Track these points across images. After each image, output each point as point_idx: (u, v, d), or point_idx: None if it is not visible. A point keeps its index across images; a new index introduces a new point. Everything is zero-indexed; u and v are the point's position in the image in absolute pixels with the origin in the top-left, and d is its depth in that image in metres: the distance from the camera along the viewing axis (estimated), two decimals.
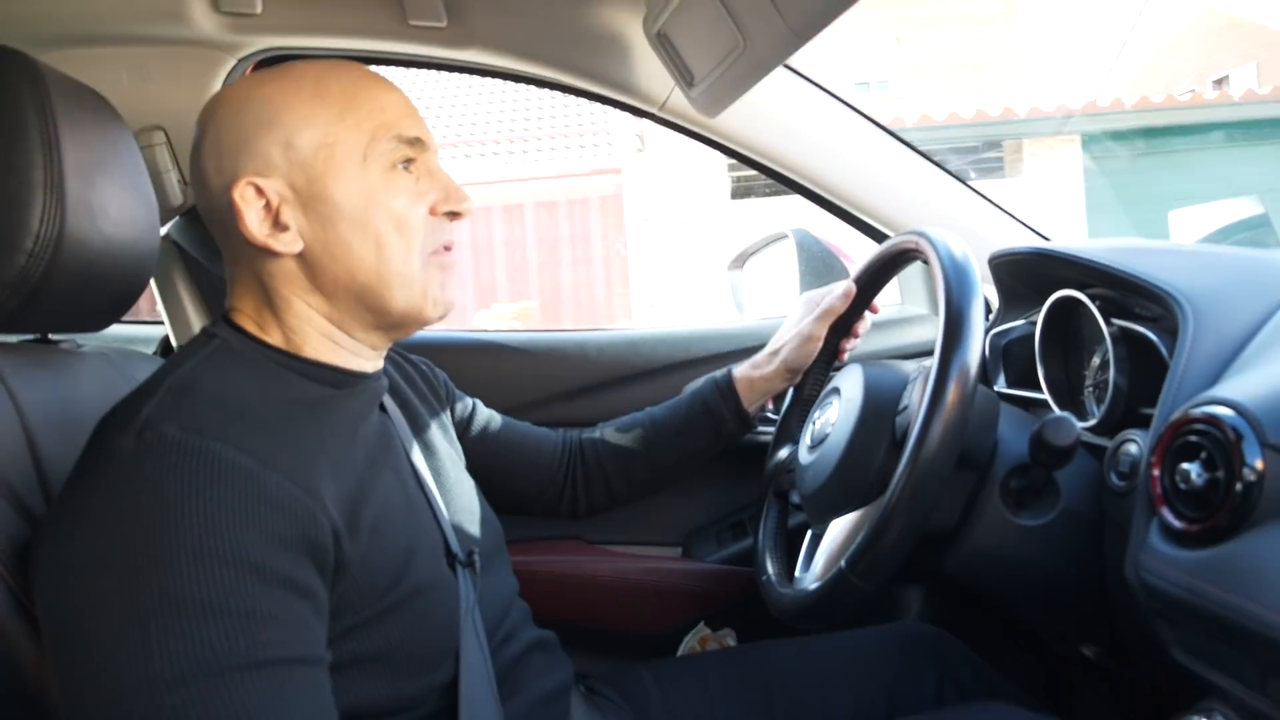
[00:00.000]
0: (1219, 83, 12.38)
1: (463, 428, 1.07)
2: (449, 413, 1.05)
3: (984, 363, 0.86)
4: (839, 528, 0.89)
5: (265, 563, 0.60)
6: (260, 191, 0.73)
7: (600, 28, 1.20)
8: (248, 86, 0.77)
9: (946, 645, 1.04)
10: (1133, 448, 0.81)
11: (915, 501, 0.76)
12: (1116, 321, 0.91)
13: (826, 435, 0.95)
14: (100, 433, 0.66)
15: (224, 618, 0.57)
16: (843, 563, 0.80)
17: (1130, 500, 0.78)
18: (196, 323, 1.35)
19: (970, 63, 13.25)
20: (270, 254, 0.75)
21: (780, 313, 1.64)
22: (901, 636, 1.06)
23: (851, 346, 1.18)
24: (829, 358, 1.16)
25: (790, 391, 1.17)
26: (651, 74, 1.22)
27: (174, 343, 1.38)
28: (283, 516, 0.62)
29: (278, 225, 0.74)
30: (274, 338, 0.77)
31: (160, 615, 0.56)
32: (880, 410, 0.90)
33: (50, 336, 0.87)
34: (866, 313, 1.16)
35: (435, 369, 1.08)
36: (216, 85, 1.25)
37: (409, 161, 0.77)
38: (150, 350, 1.42)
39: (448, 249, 0.81)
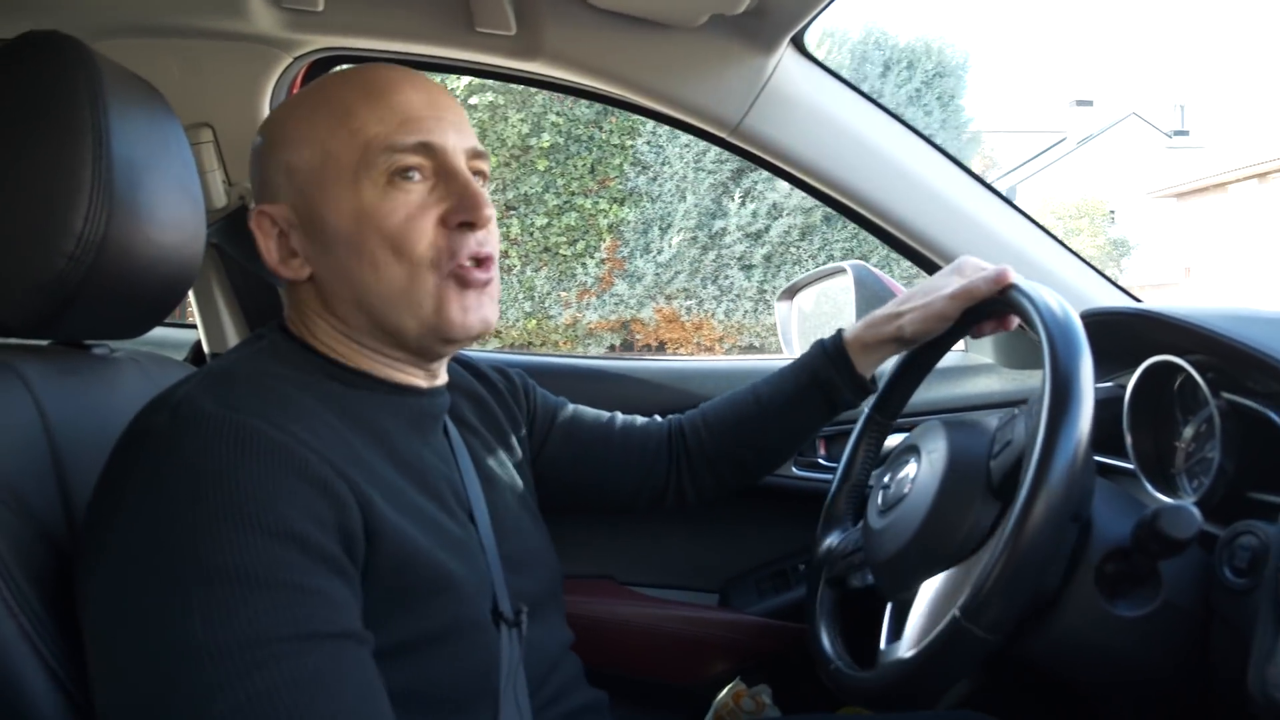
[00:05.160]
0: None
1: (544, 434, 1.00)
2: (527, 429, 0.98)
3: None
4: (932, 588, 0.82)
5: (308, 538, 0.57)
6: (272, 219, 0.72)
7: (675, 47, 1.15)
8: (281, 106, 0.76)
9: None
10: (1253, 541, 0.74)
11: (1027, 560, 0.68)
12: (1225, 395, 0.84)
13: (904, 495, 0.87)
14: (134, 422, 0.63)
15: (270, 589, 0.54)
16: (956, 612, 0.71)
17: (1249, 601, 0.71)
18: (231, 330, 1.31)
19: None
20: (289, 279, 0.73)
21: None
22: None
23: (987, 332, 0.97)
24: (952, 339, 0.99)
25: (839, 471, 1.06)
26: (724, 97, 1.16)
27: (206, 349, 1.33)
28: (322, 497, 0.59)
29: (289, 251, 0.72)
30: (321, 349, 0.74)
31: (203, 584, 0.53)
32: (970, 459, 0.83)
33: (83, 341, 0.81)
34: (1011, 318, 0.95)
35: (521, 379, 1.01)
36: (270, 83, 1.20)
37: (411, 170, 0.70)
38: (181, 356, 1.38)
39: (476, 263, 0.73)
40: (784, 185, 10.13)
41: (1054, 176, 26.10)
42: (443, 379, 0.81)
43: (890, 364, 1.04)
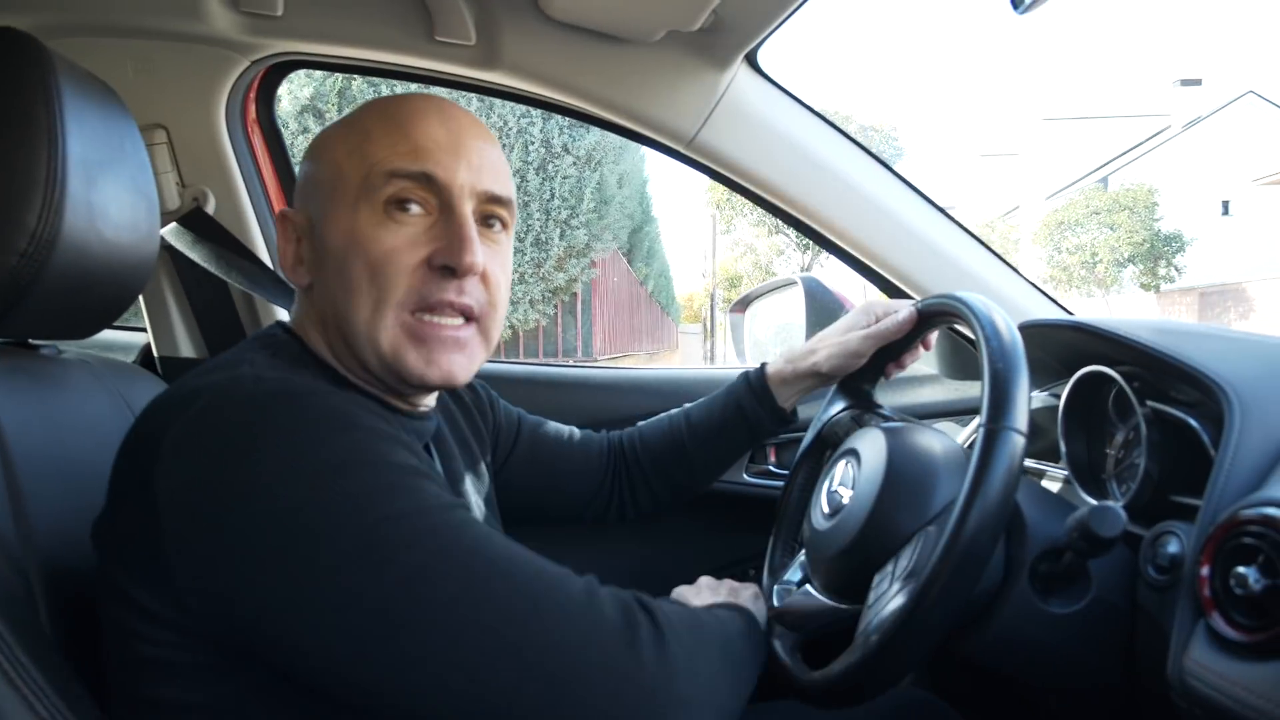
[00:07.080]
0: None
1: (510, 445, 1.05)
2: (491, 442, 1.03)
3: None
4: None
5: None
6: (291, 224, 0.74)
7: (632, 61, 1.17)
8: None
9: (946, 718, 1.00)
10: (1173, 541, 0.78)
11: (952, 588, 0.72)
12: (1150, 403, 0.89)
13: (842, 505, 0.90)
14: (186, 399, 0.59)
15: (421, 476, 0.60)
16: (874, 642, 0.75)
17: (1170, 596, 0.75)
18: (182, 334, 1.29)
19: None
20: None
21: None
22: (901, 705, 1.02)
23: (894, 375, 1.09)
24: (873, 376, 1.08)
25: (790, 478, 1.09)
26: (680, 111, 1.19)
27: (155, 353, 1.31)
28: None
29: (299, 257, 0.74)
30: (320, 357, 0.75)
31: (395, 475, 0.58)
32: (908, 481, 0.86)
33: (30, 341, 0.80)
34: (920, 347, 1.07)
35: (485, 391, 1.06)
36: (226, 86, 1.20)
37: (410, 202, 0.69)
38: (129, 358, 1.35)
39: (446, 308, 0.70)
40: None
41: (1153, 165, 23.37)
42: (427, 406, 0.81)
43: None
